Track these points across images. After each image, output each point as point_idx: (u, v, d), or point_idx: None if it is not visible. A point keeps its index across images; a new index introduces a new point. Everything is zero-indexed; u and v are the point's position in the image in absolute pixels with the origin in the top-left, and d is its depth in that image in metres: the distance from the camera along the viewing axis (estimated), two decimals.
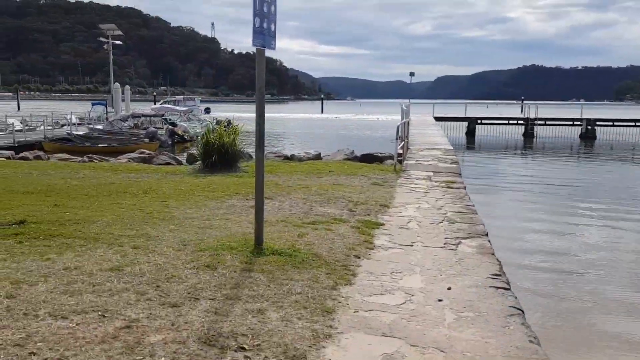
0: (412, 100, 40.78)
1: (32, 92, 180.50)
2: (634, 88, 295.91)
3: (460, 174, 12.18)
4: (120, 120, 31.07)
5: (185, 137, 29.47)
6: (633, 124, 38.44)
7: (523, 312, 4.33)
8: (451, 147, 18.18)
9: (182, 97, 52.45)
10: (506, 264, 6.10)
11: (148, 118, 32.00)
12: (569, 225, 12.02)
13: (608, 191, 16.42)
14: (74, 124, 31.85)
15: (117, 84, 37.50)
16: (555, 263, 9.23)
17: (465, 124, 39.43)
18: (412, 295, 4.58)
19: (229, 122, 14.31)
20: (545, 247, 10.19)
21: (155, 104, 46.39)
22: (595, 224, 12.23)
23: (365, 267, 5.33)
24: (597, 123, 38.03)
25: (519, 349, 3.61)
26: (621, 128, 38.32)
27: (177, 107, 39.76)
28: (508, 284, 5.01)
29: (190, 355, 3.33)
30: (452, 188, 10.30)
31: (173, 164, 15.66)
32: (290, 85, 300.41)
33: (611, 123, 38.54)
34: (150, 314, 3.92)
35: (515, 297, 4.64)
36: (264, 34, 5.39)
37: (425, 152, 16.47)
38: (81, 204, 7.98)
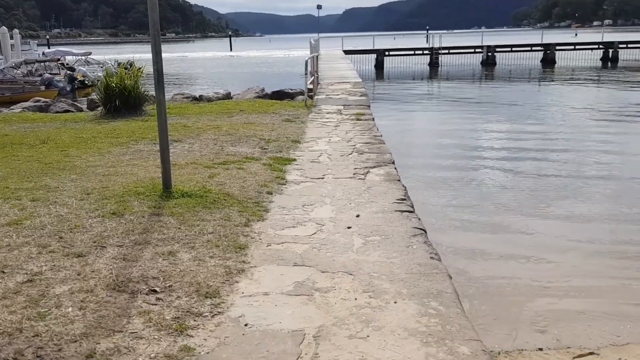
0: (321, 35, 40.39)
1: None
2: (530, 14, 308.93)
3: (369, 106, 12.37)
4: (12, 67, 28.58)
5: (86, 81, 27.61)
6: (529, 48, 40.43)
7: (425, 231, 4.58)
8: (360, 80, 18.35)
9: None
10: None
11: (43, 64, 29.64)
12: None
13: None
14: None
15: (4, 27, 34.25)
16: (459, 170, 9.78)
17: (374, 56, 39.79)
18: (323, 225, 4.71)
19: (131, 64, 13.54)
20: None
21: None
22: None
23: (277, 202, 5.40)
24: (497, 50, 39.67)
25: (421, 266, 3.85)
26: (519, 53, 40.22)
27: (74, 50, 37.11)
28: (412, 207, 5.27)
29: (99, 302, 3.28)
30: (361, 120, 10.48)
31: (73, 111, 14.76)
32: (196, 22, 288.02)
33: (509, 49, 40.32)
34: (54, 265, 3.79)
35: (419, 219, 4.90)
36: None
37: (336, 86, 16.53)
38: None
